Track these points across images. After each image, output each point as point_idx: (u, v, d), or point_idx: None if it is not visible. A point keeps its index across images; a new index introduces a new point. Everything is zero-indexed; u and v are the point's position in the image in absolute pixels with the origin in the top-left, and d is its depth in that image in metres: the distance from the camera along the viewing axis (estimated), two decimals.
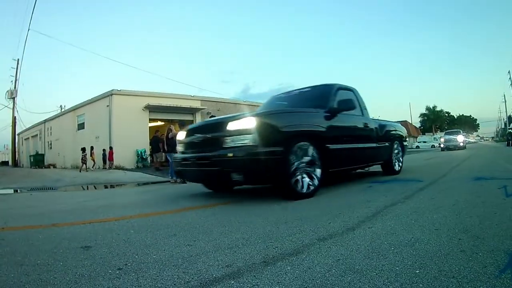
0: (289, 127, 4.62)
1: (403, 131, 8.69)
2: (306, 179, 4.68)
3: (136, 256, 2.28)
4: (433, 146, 47.73)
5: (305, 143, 4.73)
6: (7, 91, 29.56)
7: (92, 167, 22.02)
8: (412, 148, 46.58)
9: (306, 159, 4.73)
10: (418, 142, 53.52)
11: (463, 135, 30.38)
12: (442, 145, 29.46)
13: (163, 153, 13.73)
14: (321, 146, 4.97)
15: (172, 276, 1.90)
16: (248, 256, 2.19)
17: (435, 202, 3.81)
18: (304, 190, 4.63)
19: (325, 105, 5.61)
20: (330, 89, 6.13)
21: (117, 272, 1.99)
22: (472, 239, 2.30)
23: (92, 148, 22.69)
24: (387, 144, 7.40)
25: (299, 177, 4.58)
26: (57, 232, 3.14)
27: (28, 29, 25.00)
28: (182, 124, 8.42)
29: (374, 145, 6.82)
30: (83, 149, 21.32)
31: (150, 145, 19.56)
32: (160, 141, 14.45)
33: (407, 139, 9.14)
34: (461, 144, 27.86)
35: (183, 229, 3.08)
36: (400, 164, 8.09)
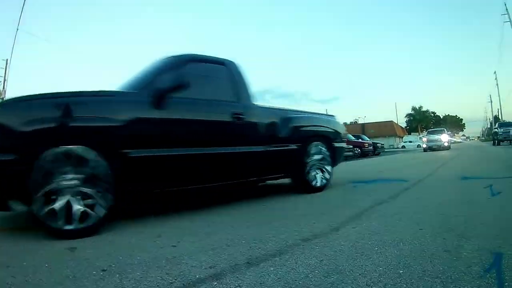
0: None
1: (334, 127, 5.80)
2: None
3: (121, 258, 2.24)
4: (418, 146, 48.14)
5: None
6: None
7: None
8: (398, 148, 47.00)
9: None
10: (404, 142, 53.90)
11: (447, 134, 28.44)
12: (424, 145, 26.36)
13: None
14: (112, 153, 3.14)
15: (155, 277, 1.87)
16: (232, 257, 2.16)
17: (420, 202, 3.80)
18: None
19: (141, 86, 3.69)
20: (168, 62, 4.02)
21: (101, 273, 1.97)
22: (457, 238, 2.28)
23: None
24: (293, 147, 4.80)
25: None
26: (44, 233, 3.00)
27: (17, 29, 24.41)
28: None
29: (257, 149, 4.36)
30: None
31: None
32: None
33: (343, 139, 6.17)
34: (446, 144, 25.18)
35: (167, 230, 3.02)
36: (327, 176, 5.33)
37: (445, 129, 29.36)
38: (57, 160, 2.83)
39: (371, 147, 22.99)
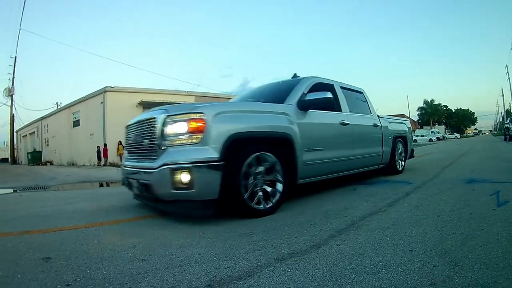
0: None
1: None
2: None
3: (88, 271, 2.20)
4: (430, 140, 47.81)
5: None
6: (5, 89, 29.60)
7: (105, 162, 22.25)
8: None
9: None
10: (416, 136, 53.55)
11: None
12: None
13: None
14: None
15: None
16: (195, 277, 2.03)
17: (419, 212, 3.48)
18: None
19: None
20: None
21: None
22: (448, 266, 1.96)
23: (105, 145, 22.77)
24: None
25: None
26: (26, 241, 3.04)
27: (20, 29, 24.80)
28: None
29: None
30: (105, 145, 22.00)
31: None
32: None
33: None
34: None
35: (144, 240, 2.91)
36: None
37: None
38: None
39: None
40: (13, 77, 27.40)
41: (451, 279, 1.79)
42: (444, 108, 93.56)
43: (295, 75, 5.76)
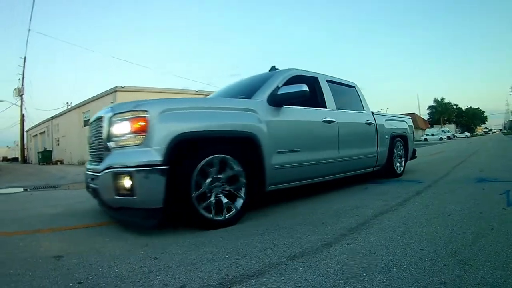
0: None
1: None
2: None
3: (100, 269, 2.21)
4: (441, 139, 47.40)
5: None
6: (15, 89, 29.87)
7: None
8: (420, 141, 46.31)
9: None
10: (426, 135, 53.23)
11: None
12: None
13: None
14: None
15: None
16: (207, 275, 2.04)
17: (429, 211, 3.49)
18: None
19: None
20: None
21: (77, 286, 1.96)
22: (458, 266, 1.98)
23: None
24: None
25: None
26: (38, 239, 3.08)
27: (29, 29, 25.04)
28: None
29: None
30: None
31: None
32: None
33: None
34: None
35: (156, 238, 2.93)
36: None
37: None
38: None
39: None
40: (23, 77, 27.67)
41: (461, 278, 1.80)
42: (454, 106, 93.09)
43: (273, 68, 5.08)
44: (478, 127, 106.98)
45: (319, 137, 4.65)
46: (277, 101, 3.99)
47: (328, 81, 5.27)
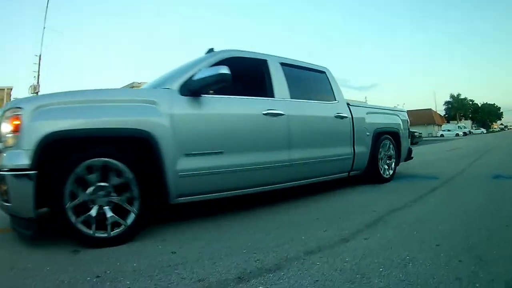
0: None
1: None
2: None
3: (118, 263, 2.22)
4: (457, 135, 46.96)
5: None
6: (30, 86, 30.34)
7: None
8: (437, 136, 45.98)
9: None
10: (443, 131, 52.79)
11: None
12: None
13: None
14: None
15: None
16: (225, 270, 2.06)
17: (445, 207, 3.51)
18: None
19: None
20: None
21: (95, 280, 1.97)
22: (473, 261, 2.01)
23: None
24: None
25: None
26: (54, 234, 3.03)
27: (44, 27, 25.29)
28: None
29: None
30: None
31: None
32: None
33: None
34: None
35: (174, 233, 2.94)
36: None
37: None
38: None
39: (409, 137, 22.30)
40: (38, 75, 28.05)
41: (476, 274, 1.83)
42: (470, 102, 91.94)
43: (210, 50, 3.95)
44: (493, 123, 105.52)
45: (257, 134, 3.69)
46: (193, 89, 3.24)
47: (284, 64, 4.27)
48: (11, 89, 34.17)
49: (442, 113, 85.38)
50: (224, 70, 3.16)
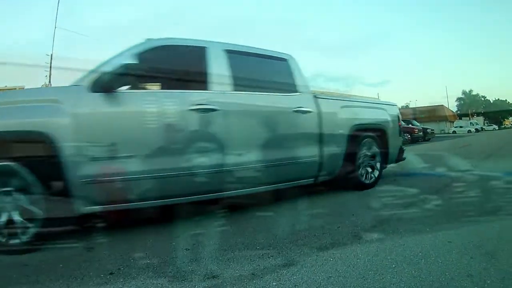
0: None
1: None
2: None
3: (132, 260, 2.24)
4: (469, 131, 46.51)
5: None
6: (42, 85, 30.71)
7: None
8: (449, 133, 45.62)
9: None
10: (455, 127, 52.19)
11: None
12: None
13: None
14: None
15: (156, 284, 1.87)
16: (239, 266, 2.09)
17: (457, 203, 3.54)
18: None
19: None
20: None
21: (108, 276, 1.98)
22: (484, 258, 2.04)
23: None
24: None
25: None
26: (67, 232, 3.05)
27: (55, 27, 25.44)
28: None
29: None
30: None
31: None
32: None
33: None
34: None
35: (188, 229, 2.90)
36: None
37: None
38: None
39: (421, 133, 22.16)
40: (50, 74, 28.35)
41: (487, 271, 1.86)
42: (482, 98, 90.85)
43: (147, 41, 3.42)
44: (506, 119, 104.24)
45: (180, 134, 3.16)
46: (102, 85, 2.84)
47: (230, 51, 3.61)
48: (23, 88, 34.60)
49: (454, 109, 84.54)
50: (128, 60, 2.90)
